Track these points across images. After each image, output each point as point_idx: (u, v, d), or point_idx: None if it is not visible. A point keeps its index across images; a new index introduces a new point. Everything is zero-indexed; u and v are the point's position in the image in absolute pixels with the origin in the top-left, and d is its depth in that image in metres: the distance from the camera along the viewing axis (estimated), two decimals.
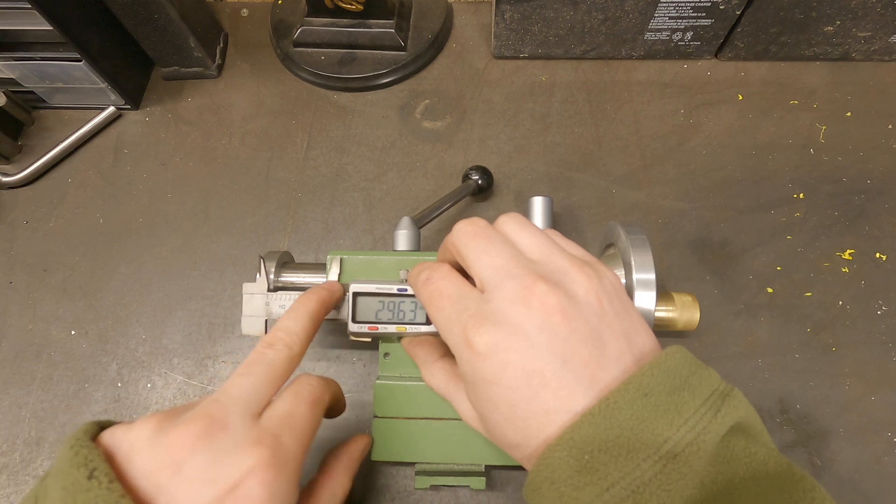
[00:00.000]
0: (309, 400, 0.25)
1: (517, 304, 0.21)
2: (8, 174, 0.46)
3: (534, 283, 0.22)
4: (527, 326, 0.21)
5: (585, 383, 0.21)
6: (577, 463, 0.19)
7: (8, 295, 0.42)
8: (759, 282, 0.41)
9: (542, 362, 0.21)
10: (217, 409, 0.22)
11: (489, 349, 0.21)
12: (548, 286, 0.22)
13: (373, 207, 0.45)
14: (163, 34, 0.47)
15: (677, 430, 0.19)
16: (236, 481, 0.21)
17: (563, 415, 0.20)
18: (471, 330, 0.22)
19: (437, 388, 0.28)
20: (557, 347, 0.21)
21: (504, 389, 0.21)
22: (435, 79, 0.51)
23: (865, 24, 0.46)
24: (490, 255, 0.23)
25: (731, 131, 0.47)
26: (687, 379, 0.21)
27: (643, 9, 0.45)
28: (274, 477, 0.21)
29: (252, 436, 0.22)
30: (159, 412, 0.23)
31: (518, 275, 0.22)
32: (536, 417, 0.21)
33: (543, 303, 0.21)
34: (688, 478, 0.19)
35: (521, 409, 0.21)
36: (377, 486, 0.35)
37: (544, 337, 0.21)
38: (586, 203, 0.44)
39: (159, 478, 0.20)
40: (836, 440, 0.36)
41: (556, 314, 0.21)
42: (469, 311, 0.22)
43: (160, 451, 0.21)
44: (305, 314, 0.27)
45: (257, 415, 0.23)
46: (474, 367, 0.22)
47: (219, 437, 0.21)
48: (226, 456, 0.21)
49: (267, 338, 0.26)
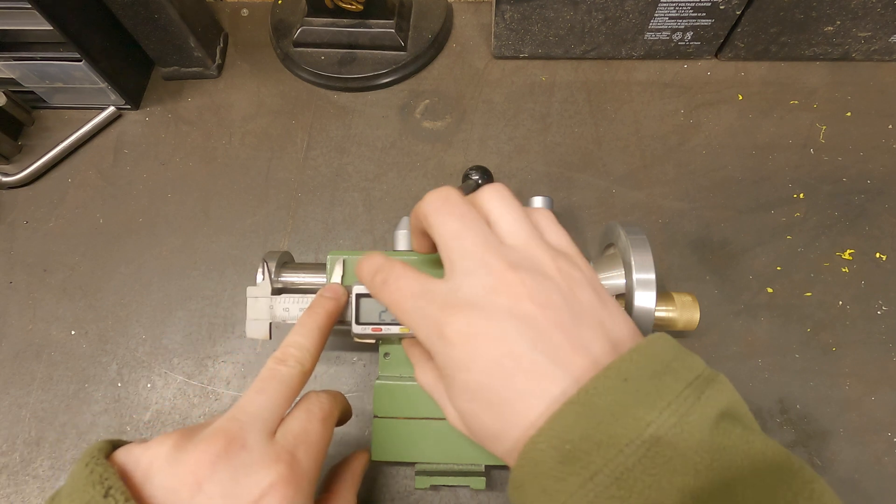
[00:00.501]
0: (320, 417, 0.25)
1: (488, 292, 0.22)
2: (8, 174, 0.46)
3: (505, 272, 0.22)
4: (497, 313, 0.21)
5: (558, 365, 0.20)
6: (559, 454, 0.19)
7: (8, 295, 0.42)
8: (759, 282, 0.41)
9: (512, 345, 0.21)
10: (235, 428, 0.22)
11: (460, 337, 0.21)
12: (519, 276, 0.22)
13: (373, 207, 0.45)
14: (163, 34, 0.47)
15: (659, 413, 0.19)
16: (256, 498, 0.21)
17: (539, 399, 0.20)
18: (441, 321, 0.22)
19: (426, 386, 0.28)
20: (528, 332, 0.21)
21: (478, 375, 0.21)
22: (435, 79, 0.51)
23: (865, 24, 0.46)
24: (462, 241, 0.23)
25: (731, 131, 0.47)
26: (669, 364, 0.21)
27: (643, 9, 0.45)
28: (294, 494, 0.22)
29: (270, 453, 0.22)
30: (175, 431, 0.23)
31: (490, 263, 0.22)
32: (512, 402, 0.21)
33: (513, 291, 0.21)
34: (675, 462, 0.18)
35: (496, 393, 0.21)
36: (377, 486, 0.35)
37: (514, 322, 0.21)
38: (586, 203, 0.44)
39: (180, 496, 0.20)
40: (836, 440, 0.36)
41: (526, 301, 0.21)
42: (436, 302, 0.22)
43: (180, 470, 0.21)
44: (315, 328, 0.28)
45: (273, 432, 0.24)
46: (448, 357, 0.22)
47: (238, 455, 0.22)
48: (245, 474, 0.21)
49: (278, 354, 0.26)
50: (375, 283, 0.25)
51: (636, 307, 0.29)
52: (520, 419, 0.20)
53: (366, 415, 0.37)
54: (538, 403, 0.20)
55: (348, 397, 0.38)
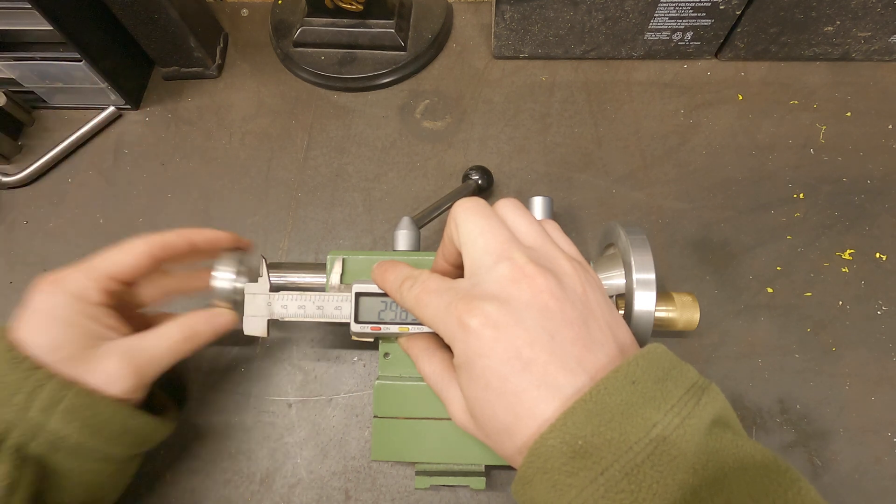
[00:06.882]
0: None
1: (509, 284, 0.23)
2: (8, 174, 0.46)
3: (525, 265, 0.23)
4: (517, 304, 0.22)
5: (573, 362, 0.22)
6: (571, 449, 0.20)
7: (8, 295, 0.42)
8: (759, 282, 0.41)
9: (531, 337, 0.22)
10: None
11: (481, 326, 0.22)
12: (539, 269, 0.23)
13: (373, 207, 0.45)
14: (163, 34, 0.47)
15: (664, 414, 0.20)
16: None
17: (553, 391, 0.21)
18: (463, 312, 0.23)
19: (430, 376, 0.28)
20: (546, 324, 0.22)
21: (496, 363, 0.22)
22: (435, 79, 0.51)
23: (865, 24, 0.46)
24: (486, 237, 0.24)
25: (731, 131, 0.47)
26: (669, 371, 0.22)
27: (643, 9, 0.45)
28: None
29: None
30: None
31: (512, 257, 0.23)
32: (527, 393, 0.21)
33: (534, 283, 0.22)
34: (678, 460, 0.19)
35: (511, 383, 0.21)
36: (377, 486, 0.35)
37: (534, 313, 0.22)
38: (586, 203, 0.44)
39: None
40: (836, 440, 0.36)
41: (546, 294, 0.22)
42: (459, 295, 0.23)
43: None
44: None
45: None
46: (468, 346, 0.22)
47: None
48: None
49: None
50: (404, 286, 0.26)
51: (636, 307, 0.29)
52: (532, 411, 0.21)
53: (366, 415, 0.37)
54: (551, 399, 0.21)
55: (348, 397, 0.38)
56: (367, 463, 0.36)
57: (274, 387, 0.38)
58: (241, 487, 0.35)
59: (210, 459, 0.36)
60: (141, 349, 0.29)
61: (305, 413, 0.37)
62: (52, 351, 0.27)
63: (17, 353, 0.26)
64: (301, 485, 0.35)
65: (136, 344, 0.29)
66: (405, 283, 0.26)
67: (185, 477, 0.36)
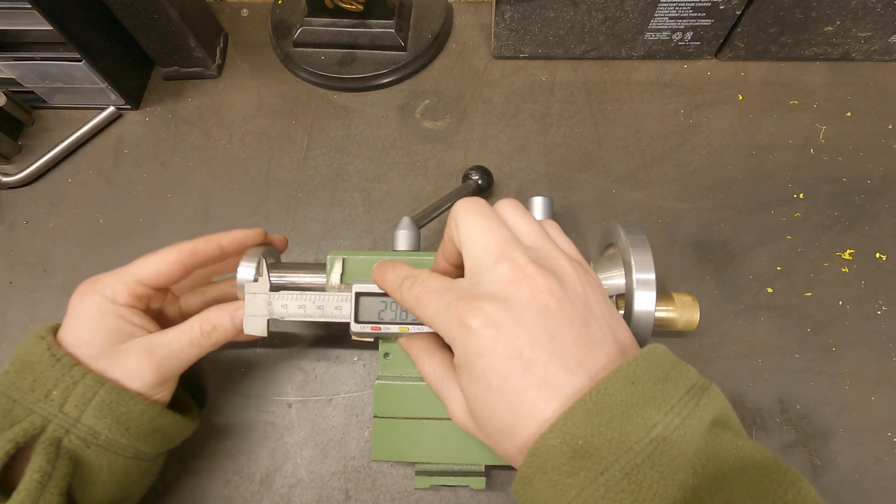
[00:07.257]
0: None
1: (509, 284, 0.23)
2: (8, 174, 0.46)
3: (526, 265, 0.23)
4: (517, 304, 0.22)
5: (573, 362, 0.22)
6: (571, 449, 0.20)
7: (8, 295, 0.42)
8: (759, 282, 0.41)
9: (531, 337, 0.22)
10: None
11: (481, 326, 0.22)
12: (539, 269, 0.23)
13: (373, 207, 0.45)
14: (163, 34, 0.47)
15: (664, 415, 0.20)
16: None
17: (554, 392, 0.21)
18: (464, 312, 0.23)
19: (430, 376, 0.28)
20: (546, 324, 0.22)
21: (496, 363, 0.22)
22: (435, 79, 0.51)
23: (865, 24, 0.46)
24: (486, 237, 0.24)
25: (731, 131, 0.47)
26: (669, 372, 0.22)
27: (643, 9, 0.45)
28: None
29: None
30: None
31: (513, 257, 0.23)
32: (527, 393, 0.21)
33: (535, 284, 0.22)
34: (678, 460, 0.19)
35: (512, 383, 0.21)
36: (377, 486, 0.35)
37: (534, 313, 0.22)
38: (586, 203, 0.44)
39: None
40: (836, 440, 0.36)
41: (546, 294, 0.22)
42: (459, 295, 0.23)
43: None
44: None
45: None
46: (468, 346, 0.22)
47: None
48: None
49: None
50: (403, 287, 0.26)
51: (636, 307, 0.29)
52: (531, 414, 0.21)
53: (366, 415, 0.37)
54: (551, 399, 0.21)
55: (348, 397, 0.38)
56: (367, 463, 0.36)
57: (274, 387, 0.38)
58: (241, 487, 0.35)
59: (210, 459, 0.36)
60: (161, 345, 0.29)
61: (305, 413, 0.37)
62: (82, 346, 0.28)
63: (57, 350, 0.28)
64: (301, 485, 0.35)
65: (157, 340, 0.30)
66: (405, 283, 0.26)
67: (185, 477, 0.36)
